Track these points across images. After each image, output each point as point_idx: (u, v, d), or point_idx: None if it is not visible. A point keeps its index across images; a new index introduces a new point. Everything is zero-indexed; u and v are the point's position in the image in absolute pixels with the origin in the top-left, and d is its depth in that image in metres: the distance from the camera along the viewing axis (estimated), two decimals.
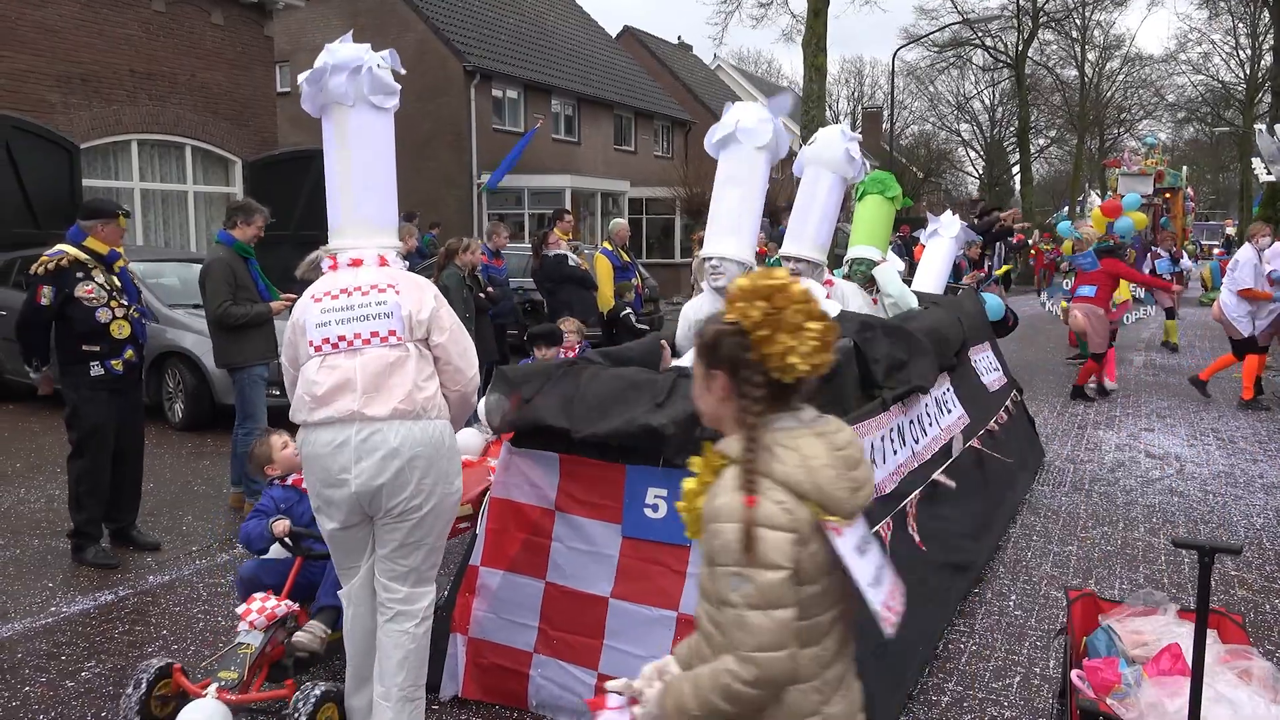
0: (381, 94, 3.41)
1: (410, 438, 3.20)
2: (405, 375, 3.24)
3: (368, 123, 3.43)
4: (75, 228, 5.49)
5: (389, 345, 3.25)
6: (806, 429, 1.91)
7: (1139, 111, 48.41)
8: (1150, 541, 5.95)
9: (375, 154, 3.47)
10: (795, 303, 1.86)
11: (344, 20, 25.28)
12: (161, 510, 6.53)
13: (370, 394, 3.18)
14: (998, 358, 7.69)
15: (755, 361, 1.86)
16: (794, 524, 1.81)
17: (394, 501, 3.22)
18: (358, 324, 3.27)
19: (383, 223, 3.50)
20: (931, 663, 4.24)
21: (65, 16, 13.35)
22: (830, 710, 1.93)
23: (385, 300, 3.29)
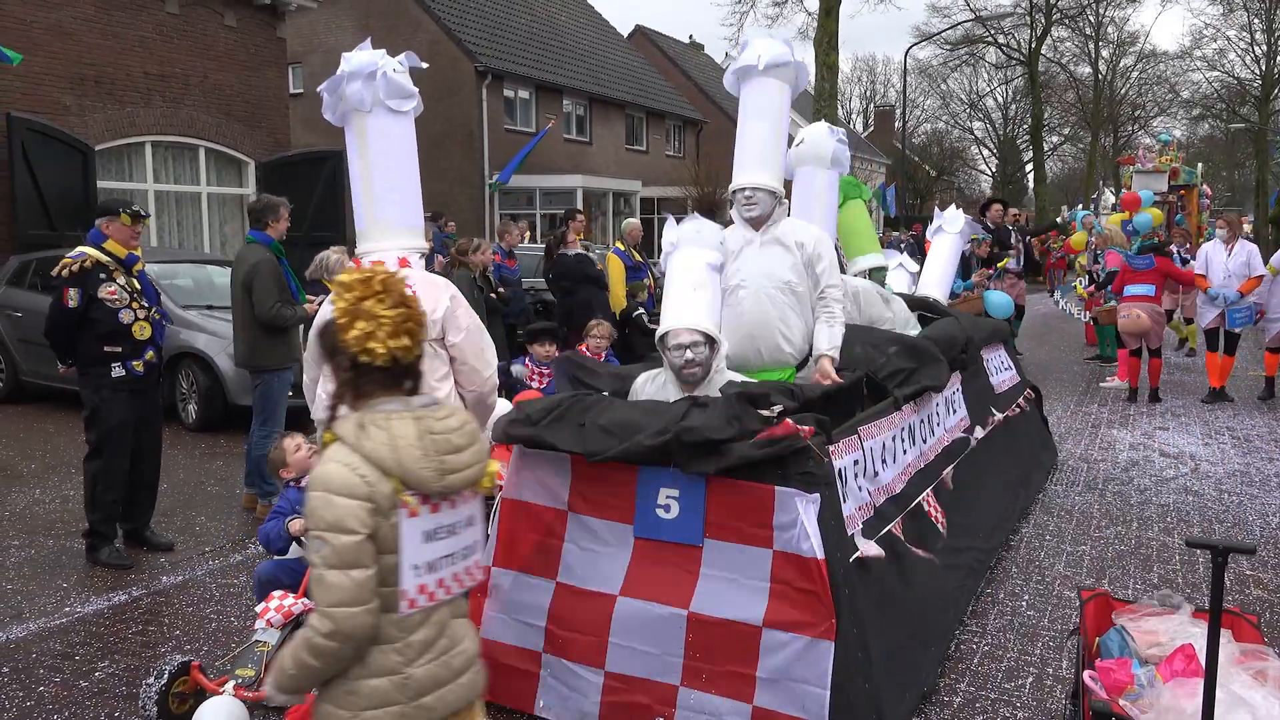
0: (398, 97, 3.45)
1: None
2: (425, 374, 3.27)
3: (385, 126, 3.48)
4: (95, 230, 5.53)
5: None
6: (409, 413, 2.10)
7: (1153, 108, 48.18)
8: (1164, 541, 5.92)
9: (394, 156, 3.51)
10: (375, 293, 2.08)
11: (355, 21, 25.39)
12: (175, 511, 6.56)
13: None
14: (1011, 358, 7.67)
15: (342, 348, 2.07)
16: (371, 495, 1.99)
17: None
18: None
19: (404, 224, 3.53)
20: (944, 663, 4.23)
21: (79, 19, 13.42)
22: (412, 671, 2.08)
23: None
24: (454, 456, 2.10)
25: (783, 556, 3.42)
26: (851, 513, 3.76)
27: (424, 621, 2.10)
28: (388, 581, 2.03)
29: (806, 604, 3.38)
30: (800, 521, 3.40)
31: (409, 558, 2.04)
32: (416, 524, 2.05)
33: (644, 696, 3.55)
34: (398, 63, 3.50)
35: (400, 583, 2.04)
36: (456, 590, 2.17)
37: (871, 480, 4.11)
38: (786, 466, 3.46)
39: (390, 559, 2.02)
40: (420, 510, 2.05)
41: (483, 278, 9.17)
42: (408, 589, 2.05)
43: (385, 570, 2.02)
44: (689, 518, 3.57)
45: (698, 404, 3.66)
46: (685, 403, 3.70)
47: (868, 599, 3.59)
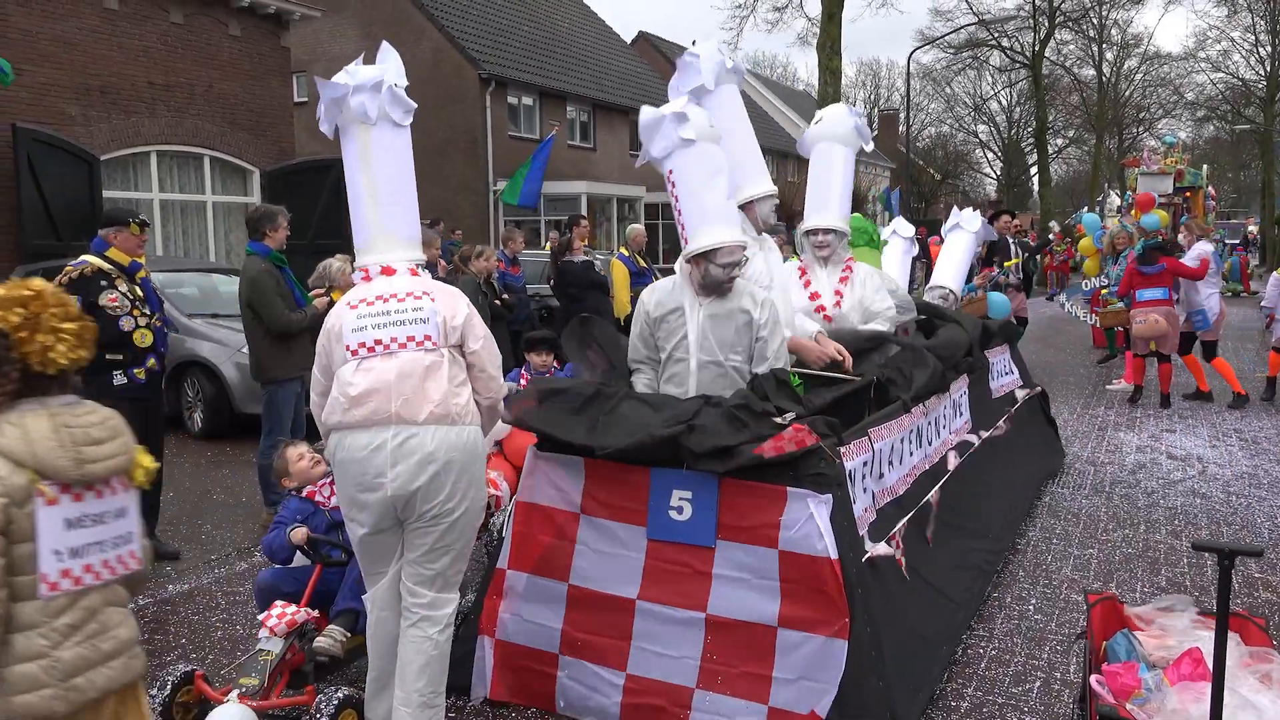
0: (401, 110, 3.47)
1: (446, 442, 3.25)
2: (440, 380, 3.29)
3: (389, 139, 3.49)
4: (98, 238, 5.55)
5: (424, 350, 3.31)
6: (44, 410, 2.20)
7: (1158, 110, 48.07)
8: (1172, 544, 5.90)
9: (398, 169, 3.54)
10: (51, 306, 2.22)
11: (359, 30, 25.46)
12: (181, 519, 6.57)
13: (406, 398, 3.23)
14: (1015, 361, 7.66)
15: (15, 359, 2.17)
16: (6, 490, 2.08)
17: (428, 505, 3.26)
18: (394, 329, 3.32)
19: (407, 235, 3.57)
20: (951, 667, 4.22)
21: (84, 30, 13.48)
22: (60, 654, 2.15)
23: (422, 306, 3.36)
24: (93, 448, 2.23)
25: (796, 557, 3.44)
26: (860, 514, 3.77)
27: (70, 606, 2.18)
28: (24, 570, 2.12)
29: (820, 604, 3.40)
30: (813, 522, 3.42)
31: (48, 543, 2.13)
32: (57, 512, 2.15)
33: (661, 699, 3.58)
34: (400, 76, 3.51)
35: (40, 568, 2.13)
36: (107, 576, 2.24)
37: (877, 481, 4.12)
38: (798, 468, 3.48)
39: (26, 547, 2.11)
40: (61, 499, 2.15)
41: (486, 284, 9.19)
42: (49, 573, 2.14)
43: (21, 559, 2.11)
44: (702, 519, 3.58)
45: (710, 403, 3.67)
46: (698, 401, 3.71)
47: (880, 598, 3.60)
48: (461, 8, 26.53)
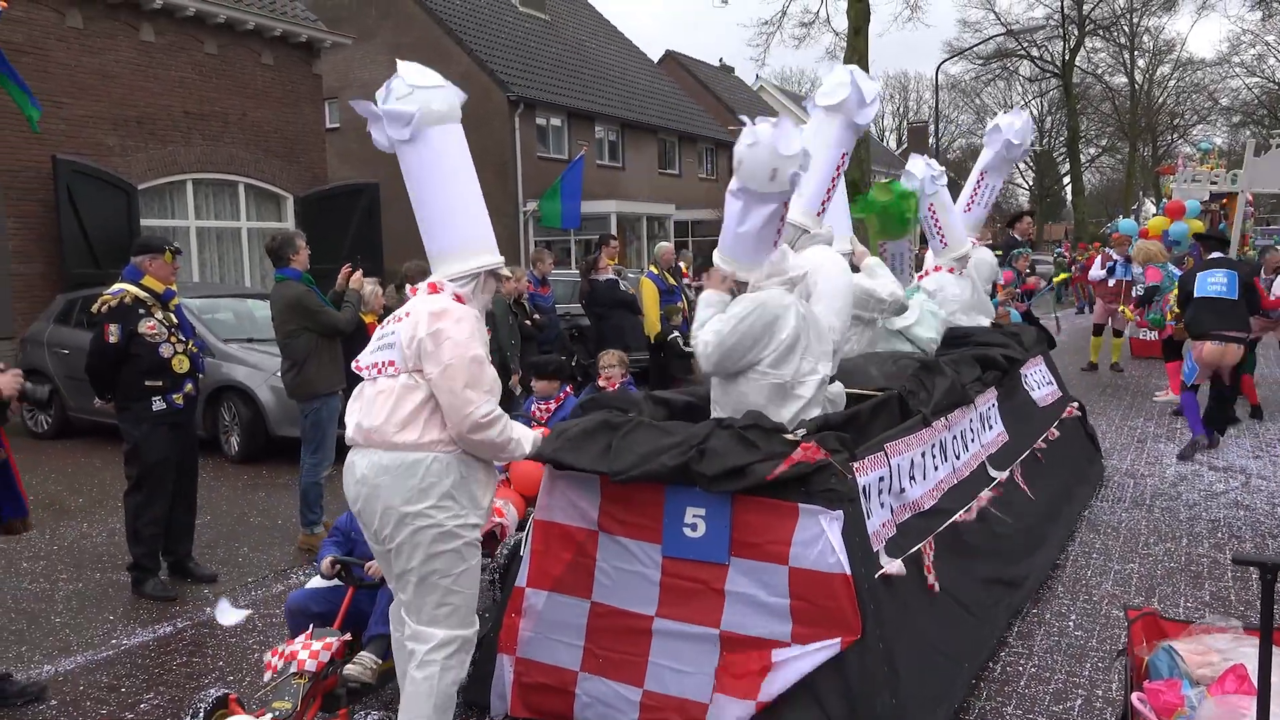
0: (401, 126, 3.40)
1: (377, 465, 3.32)
2: (389, 405, 3.35)
3: (407, 158, 3.51)
4: (131, 267, 5.63)
5: (386, 376, 3.42)
6: None
7: (1192, 116, 47.58)
8: (1215, 558, 5.78)
9: (420, 185, 3.53)
10: None
11: (389, 56, 25.63)
12: (218, 542, 6.63)
13: (360, 421, 3.41)
14: (1051, 372, 7.57)
15: None
16: None
17: (369, 530, 3.42)
18: (378, 353, 3.47)
19: (439, 249, 3.58)
20: (989, 685, 4.16)
21: (122, 62, 13.76)
22: None
23: (395, 331, 3.43)
24: None
25: (807, 573, 3.44)
26: (876, 529, 3.75)
27: None
28: None
29: (832, 619, 3.40)
30: (825, 538, 3.41)
31: None
32: None
33: (677, 715, 3.60)
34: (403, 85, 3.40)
35: None
36: None
37: (897, 497, 4.09)
38: (810, 484, 3.48)
39: None
40: None
41: (516, 305, 9.23)
42: None
43: None
44: (715, 536, 3.60)
45: (721, 425, 3.67)
46: (710, 424, 3.71)
47: (894, 614, 3.59)
48: (489, 31, 26.78)
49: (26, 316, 12.01)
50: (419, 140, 3.44)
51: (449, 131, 3.51)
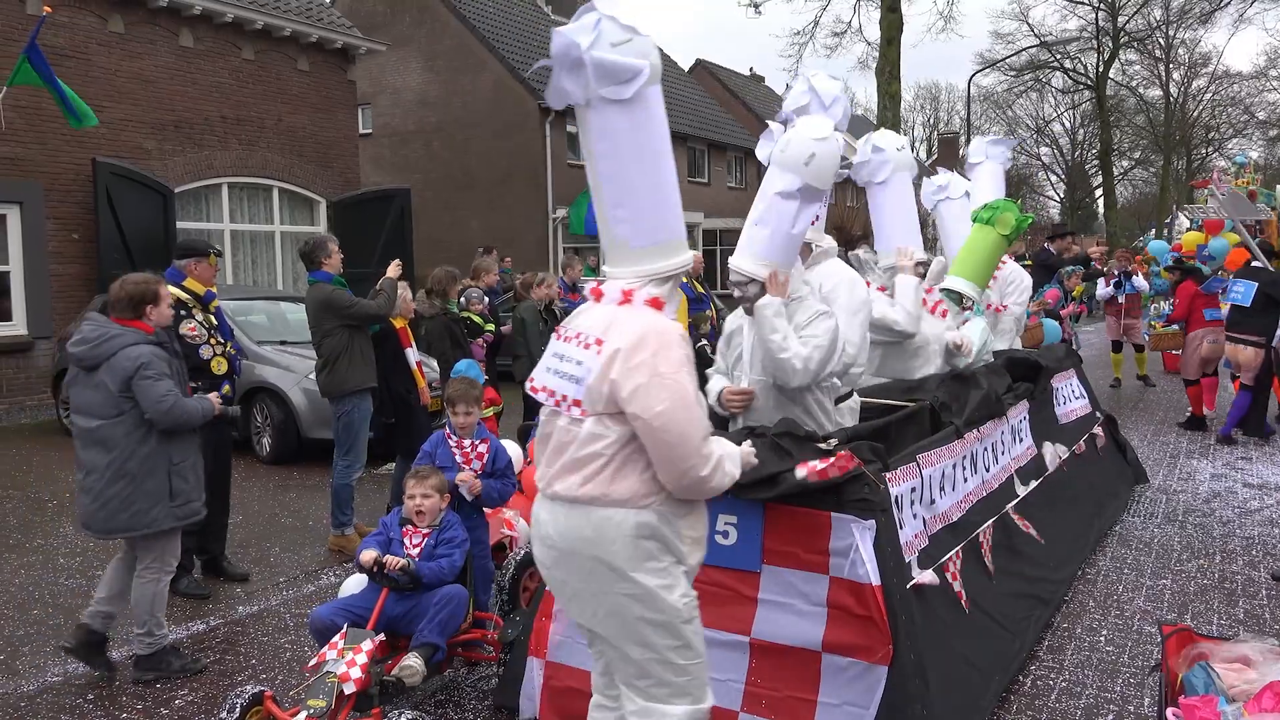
0: (615, 82, 2.66)
1: (565, 525, 2.77)
2: (571, 450, 2.76)
3: (607, 122, 2.74)
4: (173, 268, 5.71)
5: (569, 418, 2.77)
6: None
7: (1228, 130, 47.09)
8: (1250, 575, 5.72)
9: (623, 163, 2.78)
10: None
11: (422, 63, 25.98)
12: (250, 542, 6.70)
13: (546, 465, 2.83)
14: (1084, 386, 7.52)
15: None
16: None
17: (562, 597, 2.88)
18: (556, 380, 2.81)
19: (640, 244, 2.81)
20: (1019, 699, 4.13)
21: (160, 67, 13.98)
22: None
23: (584, 360, 2.74)
24: None
25: (839, 582, 3.44)
26: (909, 539, 3.75)
27: None
28: None
29: (863, 629, 3.39)
30: (856, 547, 3.42)
31: None
32: None
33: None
34: (618, 29, 2.65)
35: None
36: None
37: (928, 508, 4.09)
38: (842, 493, 3.48)
39: None
40: None
41: (547, 311, 9.27)
42: None
43: None
44: (747, 544, 3.60)
45: (754, 433, 3.68)
46: (743, 432, 3.72)
47: (925, 625, 3.58)
48: (522, 39, 26.95)
49: (64, 317, 12.21)
50: (637, 102, 2.73)
51: (659, 94, 2.80)
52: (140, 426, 4.35)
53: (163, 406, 4.32)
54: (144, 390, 4.30)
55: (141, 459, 4.35)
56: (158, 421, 4.35)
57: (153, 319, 4.53)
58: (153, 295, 4.52)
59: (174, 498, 4.45)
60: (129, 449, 4.34)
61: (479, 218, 25.02)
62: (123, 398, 4.32)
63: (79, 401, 4.43)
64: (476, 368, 6.84)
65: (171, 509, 4.45)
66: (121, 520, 4.36)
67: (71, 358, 4.44)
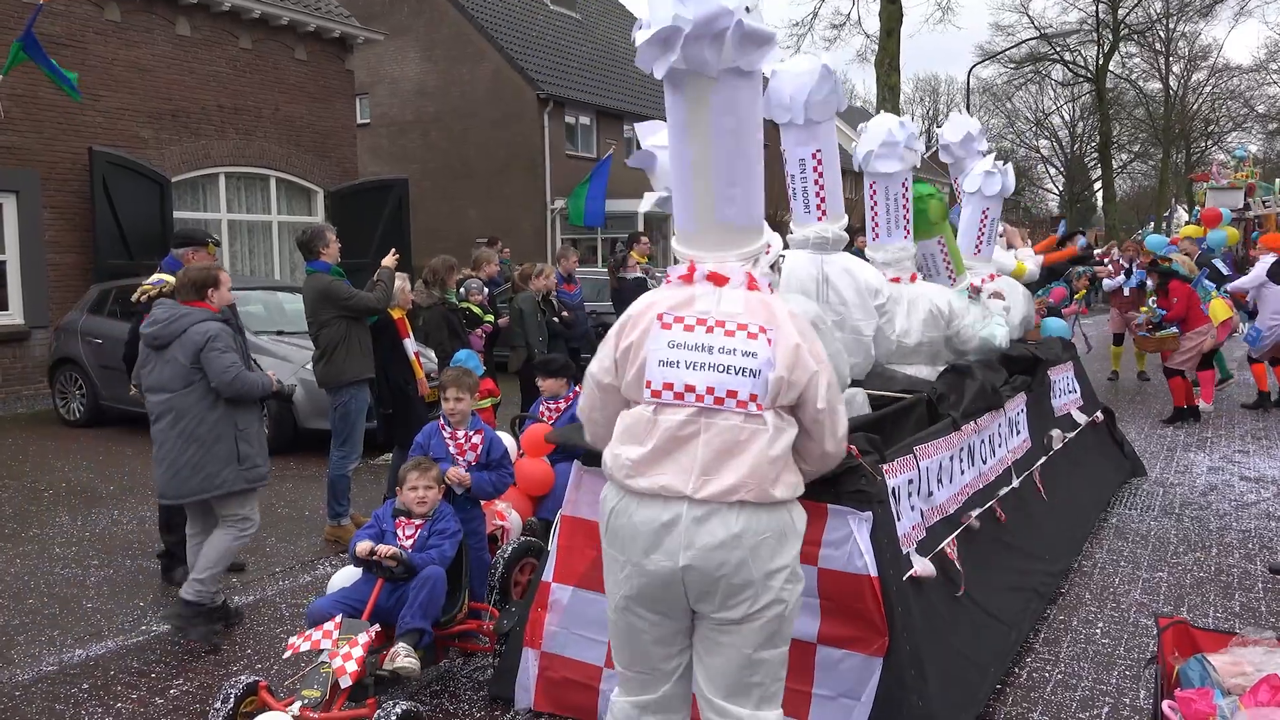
0: (753, 53, 2.54)
1: (748, 526, 2.56)
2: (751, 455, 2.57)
3: (731, 96, 2.59)
4: (170, 257, 5.69)
5: (743, 415, 2.56)
6: None
7: (1227, 123, 47.01)
8: (1246, 568, 5.72)
9: (742, 140, 2.64)
10: None
11: (420, 53, 25.91)
12: None
13: (709, 476, 2.56)
14: (1080, 381, 7.52)
15: None
16: None
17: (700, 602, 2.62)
18: (713, 375, 2.57)
19: (746, 223, 2.72)
20: (1015, 691, 4.13)
21: (158, 56, 13.92)
22: None
23: (755, 352, 2.57)
24: None
25: (836, 574, 3.43)
26: (906, 531, 3.74)
27: None
28: None
29: (860, 621, 3.39)
30: (853, 539, 3.41)
31: None
32: None
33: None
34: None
35: None
36: None
37: (926, 500, 4.08)
38: (839, 484, 3.46)
39: None
40: None
41: (545, 302, 9.26)
42: None
43: None
44: None
45: None
46: None
47: (922, 617, 3.58)
48: (520, 29, 26.88)
49: (61, 306, 12.19)
50: (757, 75, 2.65)
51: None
52: (208, 396, 4.69)
53: (227, 377, 4.64)
54: (211, 361, 4.64)
55: (210, 425, 4.68)
56: (222, 391, 4.67)
57: (215, 300, 4.89)
58: (213, 279, 4.91)
59: (241, 461, 4.76)
60: (198, 416, 4.68)
61: (477, 208, 24.97)
62: (193, 369, 4.66)
63: (151, 380, 4.76)
64: (476, 358, 6.82)
65: (240, 472, 4.76)
66: (194, 484, 4.69)
67: (145, 338, 4.78)
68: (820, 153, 4.89)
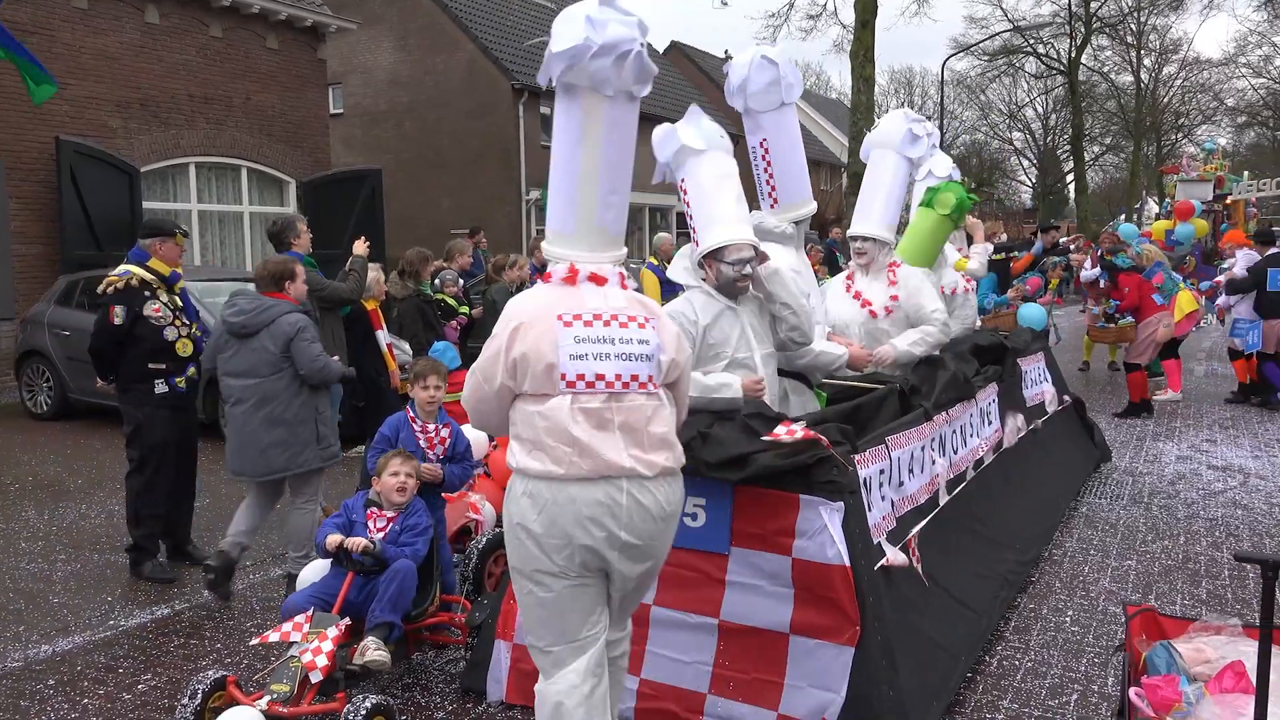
0: (644, 82, 2.91)
1: (671, 495, 2.89)
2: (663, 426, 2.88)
3: (623, 116, 2.94)
4: (137, 248, 5.62)
5: (645, 394, 2.85)
6: None
7: (1197, 116, 47.48)
8: (1213, 556, 5.79)
9: (624, 153, 2.99)
10: None
11: (394, 42, 25.72)
12: (217, 525, 6.62)
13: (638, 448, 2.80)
14: (1050, 370, 7.57)
15: None
16: None
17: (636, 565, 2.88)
18: (619, 364, 2.82)
19: (619, 231, 3.04)
20: (985, 679, 4.17)
21: (126, 44, 13.73)
22: None
23: (647, 340, 2.88)
24: None
25: (808, 564, 3.45)
26: (877, 521, 3.76)
27: None
28: None
29: (831, 611, 3.40)
30: (825, 529, 3.42)
31: None
32: None
33: (673, 704, 3.61)
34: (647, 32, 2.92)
35: None
36: None
37: (897, 490, 4.10)
38: (811, 475, 3.48)
39: None
40: None
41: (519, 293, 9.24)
42: None
43: None
44: (716, 526, 3.60)
45: (722, 417, 3.67)
46: (708, 417, 3.71)
47: (893, 606, 3.60)
48: (495, 19, 26.73)
49: (28, 298, 12.02)
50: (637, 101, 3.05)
51: None
52: (295, 382, 5.07)
53: (316, 365, 5.06)
54: (301, 350, 5.02)
55: (296, 409, 5.07)
56: (309, 377, 5.07)
57: (292, 292, 5.24)
58: (291, 272, 5.24)
59: (320, 442, 5.17)
60: (286, 400, 5.05)
61: (451, 198, 24.85)
62: (282, 357, 5.02)
63: (234, 366, 5.09)
64: (453, 350, 6.81)
65: (319, 451, 5.17)
66: (280, 463, 5.07)
67: (229, 326, 5.09)
68: (767, 142, 4.94)
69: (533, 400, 2.82)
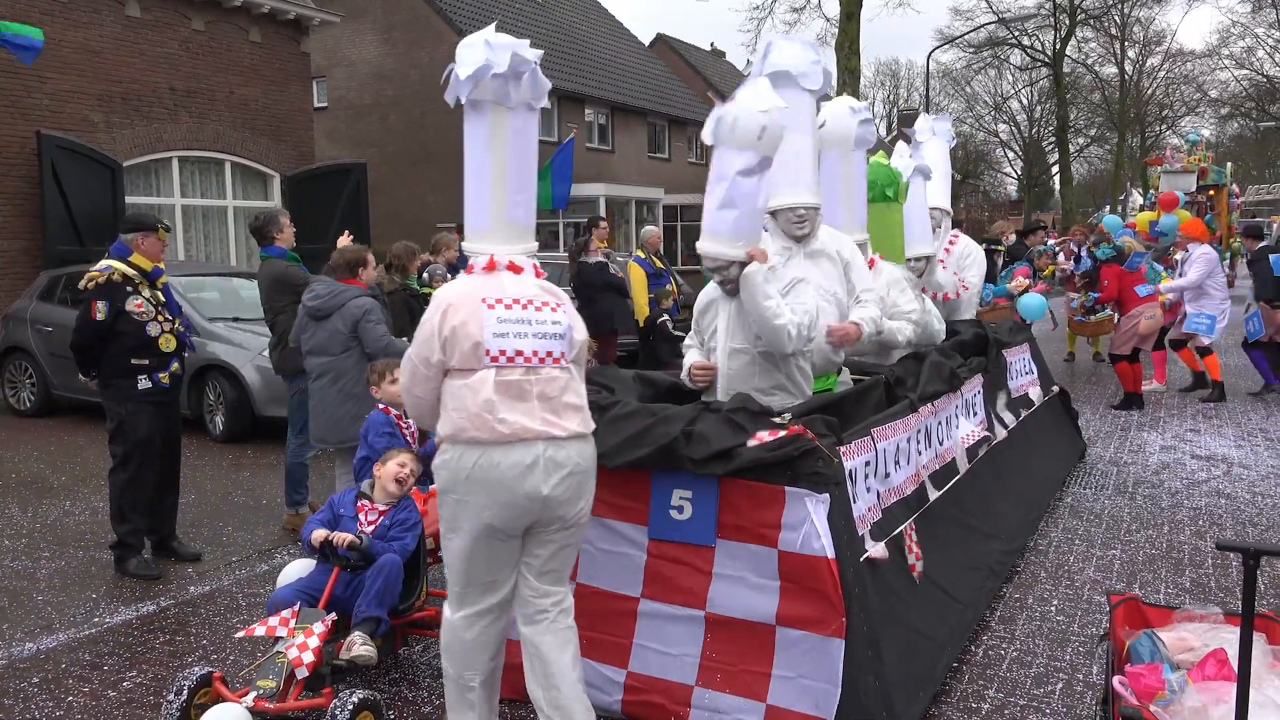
0: (539, 96, 3.35)
1: (584, 453, 3.23)
2: (575, 396, 3.25)
3: (524, 125, 3.35)
4: (119, 244, 5.58)
5: (559, 369, 3.22)
6: None
7: (1181, 108, 47.70)
8: (1197, 545, 5.83)
9: (529, 156, 3.39)
10: None
11: (378, 35, 25.60)
12: (202, 521, 6.61)
13: (551, 416, 3.15)
14: (1035, 361, 7.61)
15: None
16: None
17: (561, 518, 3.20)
18: (535, 341, 3.18)
19: (528, 224, 3.43)
20: (971, 668, 4.19)
21: (107, 38, 13.62)
22: None
23: (560, 321, 3.25)
24: None
25: (793, 556, 3.46)
26: (862, 513, 3.77)
27: None
28: None
29: (817, 602, 3.41)
30: (810, 521, 3.43)
31: None
32: None
33: (661, 697, 3.61)
34: (537, 55, 3.35)
35: None
36: None
37: (882, 481, 4.11)
38: (796, 467, 3.49)
39: None
40: None
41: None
42: None
43: None
44: (702, 518, 3.61)
45: (709, 409, 3.68)
46: (696, 408, 3.72)
47: (878, 597, 3.61)
48: (479, 12, 26.62)
49: (9, 294, 11.94)
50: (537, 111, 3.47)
51: None
52: (362, 359, 5.54)
53: (381, 344, 5.54)
54: (368, 331, 5.56)
55: (364, 384, 5.36)
56: (375, 355, 5.46)
57: (364, 278, 5.79)
58: (363, 260, 5.80)
59: None
60: (354, 376, 5.53)
61: (436, 192, 24.76)
62: (350, 337, 5.56)
63: (313, 344, 5.67)
64: None
65: None
66: (352, 432, 5.35)
67: (307, 309, 5.67)
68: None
69: (459, 375, 3.16)
